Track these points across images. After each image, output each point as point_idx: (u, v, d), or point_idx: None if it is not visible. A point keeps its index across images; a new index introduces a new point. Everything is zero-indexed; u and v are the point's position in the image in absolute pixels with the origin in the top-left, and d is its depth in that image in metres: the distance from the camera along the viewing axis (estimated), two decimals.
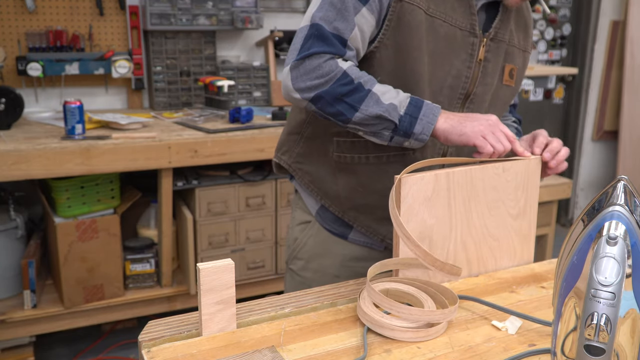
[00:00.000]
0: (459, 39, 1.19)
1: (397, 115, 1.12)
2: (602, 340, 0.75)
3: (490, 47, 1.23)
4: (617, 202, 0.77)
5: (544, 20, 4.09)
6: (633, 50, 4.09)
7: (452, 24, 1.18)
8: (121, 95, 3.00)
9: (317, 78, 1.12)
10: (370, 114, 1.12)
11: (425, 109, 1.12)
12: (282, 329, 0.98)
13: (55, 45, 2.75)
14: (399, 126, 1.12)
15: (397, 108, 1.12)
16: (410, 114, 1.12)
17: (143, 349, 0.91)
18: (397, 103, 1.12)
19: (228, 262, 0.93)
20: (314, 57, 1.13)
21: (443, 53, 1.19)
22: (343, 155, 1.27)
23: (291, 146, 1.36)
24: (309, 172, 1.34)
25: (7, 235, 2.47)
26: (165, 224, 2.58)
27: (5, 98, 2.43)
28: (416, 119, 1.12)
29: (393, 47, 1.16)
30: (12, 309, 2.41)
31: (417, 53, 1.16)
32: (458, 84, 1.22)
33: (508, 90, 1.33)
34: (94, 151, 2.27)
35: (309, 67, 1.13)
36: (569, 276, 0.80)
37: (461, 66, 1.21)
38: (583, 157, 4.39)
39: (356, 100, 1.12)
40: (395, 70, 1.18)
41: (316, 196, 1.34)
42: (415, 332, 0.95)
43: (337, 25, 1.13)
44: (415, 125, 1.12)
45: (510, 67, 1.29)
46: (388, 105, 1.12)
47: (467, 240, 1.16)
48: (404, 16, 1.14)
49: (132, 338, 2.73)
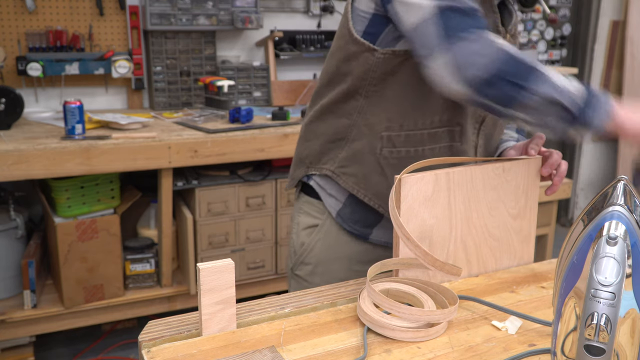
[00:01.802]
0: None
1: (573, 104, 1.02)
2: (602, 340, 0.75)
3: (510, 42, 1.27)
4: (617, 202, 0.77)
5: (544, 20, 4.09)
6: (633, 50, 4.09)
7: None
8: (121, 95, 3.00)
9: (481, 60, 1.03)
10: (544, 94, 1.02)
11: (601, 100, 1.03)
12: (282, 329, 0.98)
13: (55, 45, 2.75)
14: (577, 115, 1.02)
15: (574, 95, 1.02)
16: (588, 104, 1.02)
17: (143, 349, 0.91)
18: (574, 90, 1.02)
19: (228, 262, 0.93)
20: (465, 39, 1.04)
21: None
22: (396, 150, 1.24)
23: (334, 153, 1.33)
24: (353, 174, 1.30)
25: (7, 235, 2.47)
26: (165, 224, 2.58)
27: (5, 98, 2.43)
28: (595, 111, 1.02)
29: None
30: (12, 309, 2.41)
31: None
32: None
33: None
34: (94, 151, 2.27)
35: (467, 51, 1.04)
36: (569, 276, 0.80)
37: None
38: (583, 157, 4.40)
39: (532, 80, 1.03)
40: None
41: (363, 197, 1.30)
42: (416, 332, 0.95)
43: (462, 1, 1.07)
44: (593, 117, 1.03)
45: None
46: (563, 89, 1.02)
47: (467, 240, 1.16)
48: None
49: (132, 338, 2.73)
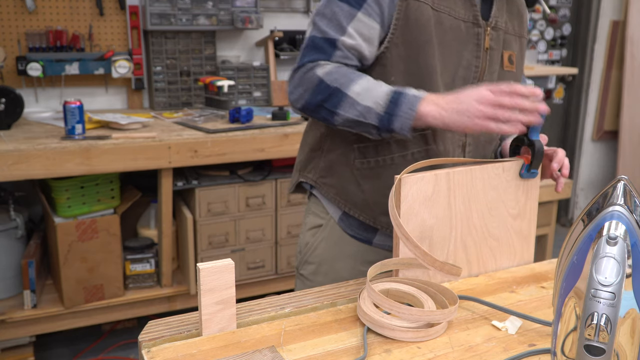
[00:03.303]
0: (464, 31, 1.22)
1: (375, 117, 1.13)
2: (602, 340, 0.75)
3: (492, 35, 1.26)
4: (617, 202, 0.77)
5: (544, 20, 4.09)
6: (633, 50, 4.09)
7: (456, 17, 1.21)
8: (121, 95, 3.00)
9: (301, 88, 1.19)
10: (349, 118, 1.15)
11: (404, 104, 1.11)
12: (282, 329, 0.98)
13: (55, 45, 2.75)
14: (380, 126, 1.13)
15: (372, 110, 1.13)
16: (389, 112, 1.12)
17: (143, 349, 0.91)
18: (372, 104, 1.13)
19: (228, 262, 0.93)
20: (302, 68, 1.19)
21: (451, 45, 1.21)
22: (366, 161, 1.26)
23: (315, 163, 1.36)
24: (333, 185, 1.33)
25: (7, 235, 2.47)
26: (165, 224, 2.58)
27: (5, 98, 2.43)
28: (394, 116, 1.12)
29: (404, 44, 1.18)
30: (12, 309, 2.41)
31: (428, 47, 1.18)
32: (469, 75, 1.25)
33: (510, 76, 1.34)
34: (94, 151, 2.27)
35: (297, 79, 1.20)
36: (569, 276, 0.80)
37: (470, 57, 1.24)
38: (583, 157, 4.39)
39: (334, 106, 1.16)
40: (408, 67, 1.20)
41: (343, 207, 1.31)
42: (416, 332, 0.95)
43: (327, 31, 1.18)
44: (394, 123, 1.12)
45: (508, 53, 1.32)
46: (363, 108, 1.13)
47: (467, 240, 1.16)
48: (411, 13, 1.16)
49: (132, 338, 2.73)
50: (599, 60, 4.22)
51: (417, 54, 1.18)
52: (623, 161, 4.23)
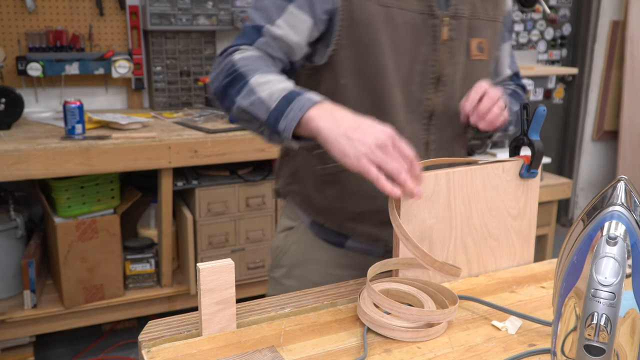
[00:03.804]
0: (419, 23, 1.15)
1: (264, 110, 1.01)
2: (602, 340, 0.75)
3: (452, 25, 1.18)
4: (617, 202, 0.77)
5: (544, 20, 4.09)
6: (633, 50, 4.09)
7: (409, 10, 1.14)
8: (121, 95, 3.00)
9: (216, 71, 1.12)
10: (241, 106, 1.04)
11: (296, 104, 0.99)
12: (282, 329, 0.98)
13: (55, 45, 2.75)
14: (266, 122, 1.01)
15: (264, 102, 1.01)
16: (278, 109, 1.00)
17: (143, 349, 0.91)
18: (265, 97, 1.01)
19: (228, 262, 0.93)
20: (225, 53, 1.13)
21: (406, 41, 1.15)
22: (326, 167, 1.21)
23: (284, 169, 1.33)
24: (298, 192, 1.29)
25: (7, 235, 2.47)
26: (165, 224, 2.58)
27: (5, 98, 2.43)
28: (282, 114, 0.99)
29: (351, 45, 1.13)
30: (12, 309, 2.41)
31: (376, 46, 1.12)
32: (427, 69, 1.18)
33: (480, 65, 1.27)
34: (94, 151, 2.27)
35: (217, 63, 1.13)
36: (569, 276, 0.80)
37: (427, 50, 1.17)
38: (583, 157, 4.40)
39: (235, 92, 1.05)
40: (358, 69, 1.14)
41: (309, 214, 1.28)
42: (416, 332, 0.95)
43: (256, 19, 1.13)
44: (280, 122, 0.99)
45: (477, 40, 1.24)
46: (256, 99, 1.02)
47: (467, 240, 1.16)
48: (355, 12, 1.11)
49: (132, 338, 2.73)
50: (599, 60, 4.22)
51: (366, 53, 1.13)
52: (623, 161, 4.23)
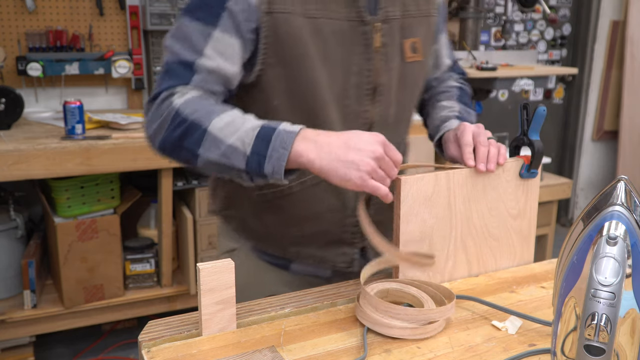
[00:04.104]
0: (349, 32, 1.07)
1: (241, 158, 0.94)
2: (602, 340, 0.75)
3: (384, 29, 1.10)
4: (617, 202, 0.77)
5: (544, 20, 4.09)
6: (633, 50, 4.09)
7: (337, 19, 1.06)
8: (121, 95, 3.00)
9: (156, 123, 1.00)
10: (210, 159, 0.96)
11: (275, 141, 0.92)
12: (282, 329, 0.98)
13: (55, 45, 2.75)
14: (249, 170, 0.94)
15: (237, 150, 0.94)
16: (257, 152, 0.93)
17: (143, 349, 0.91)
18: (236, 143, 0.94)
19: (228, 262, 0.93)
20: (158, 98, 1.02)
21: (337, 53, 1.07)
22: (262, 194, 1.14)
23: (218, 191, 1.25)
24: (234, 218, 1.22)
25: (7, 235, 2.47)
26: (165, 224, 2.58)
27: (5, 98, 2.43)
28: (265, 158, 0.92)
29: (279, 63, 1.04)
30: (12, 309, 2.41)
31: (306, 62, 1.04)
32: (362, 80, 1.10)
33: (416, 66, 1.19)
34: (94, 151, 2.27)
35: (152, 112, 1.02)
36: (569, 276, 0.80)
37: (360, 60, 1.09)
38: (583, 157, 4.40)
39: (193, 144, 0.96)
40: (289, 87, 1.06)
41: (248, 240, 1.21)
42: (413, 330, 0.95)
43: (182, 53, 1.02)
44: (265, 165, 0.93)
45: (410, 41, 1.16)
46: (226, 147, 0.94)
47: (467, 240, 1.16)
48: (279, 28, 1.02)
49: (132, 338, 2.73)
50: (599, 60, 4.22)
51: (296, 71, 1.04)
52: (623, 161, 4.23)
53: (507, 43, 3.99)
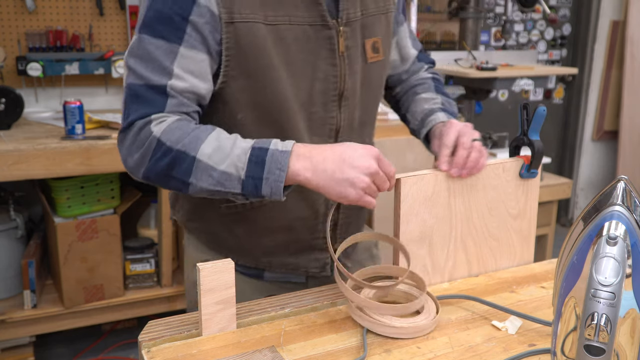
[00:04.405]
0: (312, 37, 1.04)
1: (236, 183, 0.94)
2: (602, 340, 0.75)
3: (347, 33, 1.07)
4: (617, 202, 0.77)
5: (544, 20, 4.09)
6: (633, 50, 4.09)
7: (299, 23, 1.02)
8: (121, 95, 2.99)
9: (137, 154, 0.98)
10: (204, 188, 0.96)
11: (270, 163, 0.93)
12: (282, 329, 0.98)
13: (55, 45, 2.75)
14: (245, 193, 0.95)
15: (231, 175, 0.94)
16: (252, 175, 0.93)
17: (143, 349, 0.91)
18: (229, 169, 0.94)
19: (228, 262, 0.93)
20: (132, 128, 0.98)
21: (300, 60, 1.04)
22: (233, 205, 1.11)
23: (181, 202, 1.21)
24: (202, 230, 1.19)
25: (7, 235, 2.47)
26: (165, 224, 2.58)
27: (5, 98, 2.43)
28: (261, 180, 0.93)
29: (242, 75, 1.01)
30: (12, 309, 2.41)
31: (271, 72, 1.01)
32: (328, 87, 1.08)
33: (378, 66, 1.17)
34: (94, 151, 2.27)
35: (129, 143, 0.99)
36: (569, 276, 0.80)
37: (325, 66, 1.06)
38: (583, 157, 4.40)
39: (183, 173, 0.95)
40: (253, 100, 1.03)
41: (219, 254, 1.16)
42: (405, 329, 0.95)
43: (149, 76, 0.97)
44: (262, 188, 0.94)
45: (371, 41, 1.13)
46: (219, 174, 0.94)
47: (467, 240, 1.16)
48: (241, 38, 0.98)
49: (132, 338, 2.73)
50: (599, 60, 4.22)
51: (261, 82, 1.01)
52: (623, 161, 4.23)
53: (507, 43, 3.99)
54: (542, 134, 1.15)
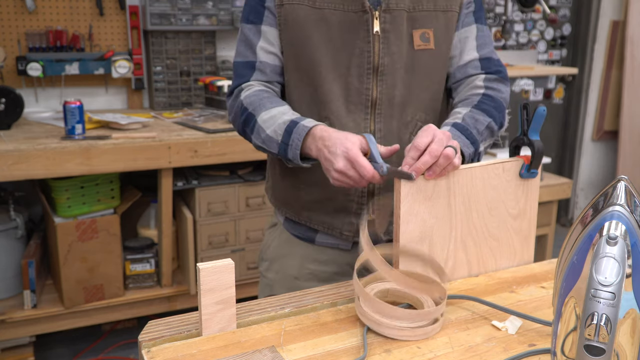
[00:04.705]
0: (355, 21, 1.24)
1: (275, 145, 1.19)
2: (602, 340, 0.75)
3: (385, 18, 1.24)
4: (617, 202, 0.77)
5: (544, 20, 4.09)
6: (633, 50, 4.09)
7: (344, 10, 1.23)
8: (121, 95, 3.00)
9: (232, 114, 1.31)
10: (257, 144, 1.25)
11: (295, 133, 1.16)
12: (282, 329, 0.98)
13: (55, 45, 2.75)
14: (280, 154, 1.20)
15: (272, 139, 1.20)
16: (284, 141, 1.18)
17: (143, 349, 0.91)
18: (272, 134, 1.20)
19: (228, 262, 0.93)
20: (232, 95, 1.31)
21: (342, 38, 1.24)
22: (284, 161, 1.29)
23: (267, 170, 1.46)
24: (270, 187, 1.42)
25: (7, 235, 2.47)
26: (165, 224, 2.58)
27: (5, 98, 2.43)
28: (286, 145, 1.17)
29: (289, 45, 1.27)
30: (12, 309, 2.41)
31: (309, 43, 1.24)
32: (363, 61, 1.24)
33: (427, 55, 1.28)
34: (94, 151, 2.27)
35: (229, 106, 1.32)
36: (569, 276, 0.80)
37: (362, 43, 1.24)
38: (583, 157, 4.40)
39: (249, 131, 1.25)
40: (297, 65, 1.27)
41: (279, 208, 1.39)
42: (412, 331, 0.95)
43: (245, 53, 1.30)
44: (288, 152, 1.18)
45: (421, 31, 1.27)
46: (266, 136, 1.21)
47: (467, 240, 1.16)
48: (289, 16, 1.25)
49: (132, 338, 2.73)
50: (599, 60, 4.22)
51: (301, 52, 1.25)
52: (623, 161, 4.23)
53: (507, 43, 3.99)
54: (542, 134, 1.15)
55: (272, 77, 1.31)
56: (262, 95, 1.26)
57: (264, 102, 1.24)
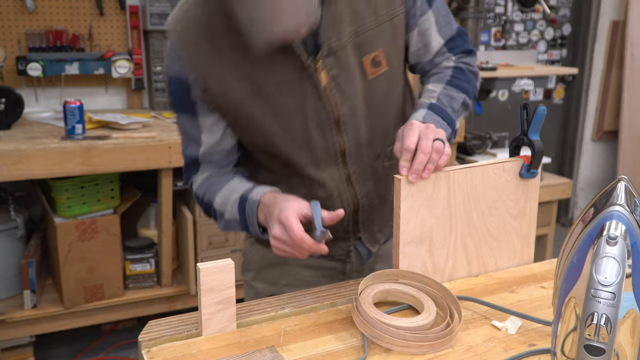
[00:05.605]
0: (296, 81, 1.10)
1: (238, 225, 1.15)
2: (602, 340, 0.75)
3: (331, 63, 1.10)
4: (617, 202, 0.77)
5: (544, 20, 4.09)
6: (633, 50, 4.09)
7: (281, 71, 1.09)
8: (121, 95, 3.00)
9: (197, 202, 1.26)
10: (226, 229, 1.21)
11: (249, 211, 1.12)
12: (282, 329, 0.98)
13: (55, 45, 2.75)
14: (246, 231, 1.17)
15: (231, 221, 1.16)
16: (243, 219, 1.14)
17: (143, 349, 0.91)
18: (230, 216, 1.16)
19: (228, 262, 0.93)
20: (189, 187, 1.26)
21: (287, 105, 1.11)
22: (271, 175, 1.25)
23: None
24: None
25: (7, 235, 2.47)
26: (165, 224, 2.58)
27: (5, 98, 2.43)
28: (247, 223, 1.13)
29: (234, 127, 1.17)
30: (12, 309, 2.41)
31: (255, 124, 1.13)
32: (321, 119, 1.13)
33: (382, 79, 1.16)
34: (94, 151, 2.27)
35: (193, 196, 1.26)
36: (569, 276, 0.80)
37: (313, 102, 1.12)
38: (583, 157, 4.40)
39: (214, 218, 1.22)
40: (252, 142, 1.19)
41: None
42: (418, 348, 0.93)
43: (188, 149, 1.21)
44: (249, 229, 1.14)
45: (370, 56, 1.13)
46: (225, 221, 1.18)
47: (467, 240, 1.16)
48: (219, 100, 1.12)
49: (132, 338, 2.73)
50: (599, 60, 4.22)
51: (248, 130, 1.15)
52: (623, 161, 4.23)
53: (507, 43, 3.99)
54: (542, 134, 1.15)
55: (222, 162, 1.21)
56: (210, 181, 1.20)
57: (215, 187, 1.19)
